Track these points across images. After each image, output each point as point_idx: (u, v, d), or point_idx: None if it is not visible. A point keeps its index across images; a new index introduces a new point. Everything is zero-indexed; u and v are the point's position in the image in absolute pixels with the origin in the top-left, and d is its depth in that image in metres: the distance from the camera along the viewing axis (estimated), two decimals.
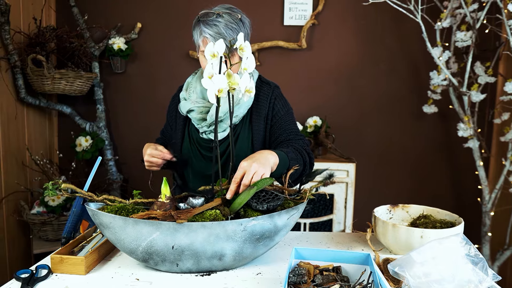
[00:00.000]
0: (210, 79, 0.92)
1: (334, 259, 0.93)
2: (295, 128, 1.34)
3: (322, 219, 2.21)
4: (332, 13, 2.43)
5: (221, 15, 1.19)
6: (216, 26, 1.18)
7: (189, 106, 1.32)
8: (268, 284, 0.93)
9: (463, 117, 2.13)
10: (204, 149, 1.35)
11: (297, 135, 1.32)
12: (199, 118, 1.31)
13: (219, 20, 1.18)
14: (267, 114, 1.33)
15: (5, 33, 1.98)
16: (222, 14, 1.19)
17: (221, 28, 1.17)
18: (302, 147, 1.27)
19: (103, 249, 1.06)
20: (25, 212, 2.09)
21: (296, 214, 1.01)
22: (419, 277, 0.84)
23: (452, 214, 1.17)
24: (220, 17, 1.19)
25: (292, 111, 1.39)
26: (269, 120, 1.33)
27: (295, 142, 1.28)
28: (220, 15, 1.19)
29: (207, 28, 1.18)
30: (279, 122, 1.33)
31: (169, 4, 2.45)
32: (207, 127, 1.31)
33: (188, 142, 1.38)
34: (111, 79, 2.51)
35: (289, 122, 1.34)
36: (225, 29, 1.18)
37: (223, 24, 1.18)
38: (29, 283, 0.89)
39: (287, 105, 1.38)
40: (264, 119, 1.32)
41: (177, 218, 0.90)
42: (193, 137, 1.37)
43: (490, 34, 2.17)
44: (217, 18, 1.19)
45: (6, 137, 2.04)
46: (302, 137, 1.33)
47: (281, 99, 1.37)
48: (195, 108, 1.31)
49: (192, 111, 1.32)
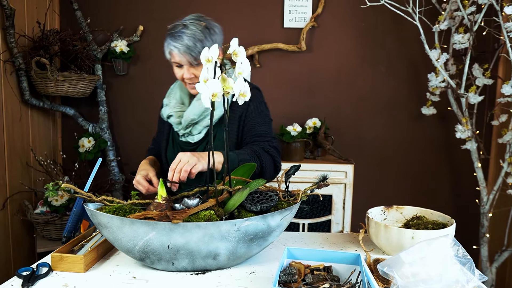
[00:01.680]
0: (205, 83, 0.95)
1: (325, 259, 0.95)
2: (264, 129, 1.35)
3: (320, 220, 2.23)
4: (332, 16, 2.45)
5: (187, 26, 1.23)
6: (180, 38, 1.22)
7: (168, 112, 1.38)
8: (261, 283, 0.95)
9: (461, 119, 2.14)
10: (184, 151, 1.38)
11: (265, 136, 1.33)
12: (177, 122, 1.36)
13: (184, 31, 1.23)
14: (240, 116, 1.35)
15: (10, 36, 2.02)
16: (188, 25, 1.24)
17: (185, 40, 1.22)
18: (263, 149, 1.28)
19: (102, 248, 1.09)
20: (29, 212, 2.13)
21: (289, 215, 1.04)
22: (407, 277, 0.86)
23: (444, 215, 1.18)
24: (185, 28, 1.23)
25: (267, 112, 1.40)
26: (242, 121, 1.36)
27: (259, 144, 1.30)
28: (186, 26, 1.23)
29: (173, 40, 1.24)
30: (249, 124, 1.34)
31: (170, 7, 2.49)
32: (184, 129, 1.36)
33: (171, 145, 1.43)
34: (114, 81, 2.55)
35: (259, 123, 1.35)
36: (190, 39, 1.22)
37: (188, 35, 1.22)
38: (29, 280, 0.93)
39: (262, 106, 1.39)
40: (238, 120, 1.35)
41: (173, 218, 0.93)
42: (175, 141, 1.42)
43: (489, 36, 2.18)
44: (182, 29, 1.23)
45: (11, 138, 2.08)
46: (271, 139, 1.34)
47: (256, 101, 1.37)
48: (173, 113, 1.37)
49: (171, 116, 1.38)
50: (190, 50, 1.23)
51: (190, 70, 1.28)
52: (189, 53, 1.23)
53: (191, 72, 1.29)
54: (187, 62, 1.26)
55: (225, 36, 2.47)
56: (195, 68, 1.28)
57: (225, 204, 1.04)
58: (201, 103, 1.30)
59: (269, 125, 1.39)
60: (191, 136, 1.37)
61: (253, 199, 1.05)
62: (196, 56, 1.24)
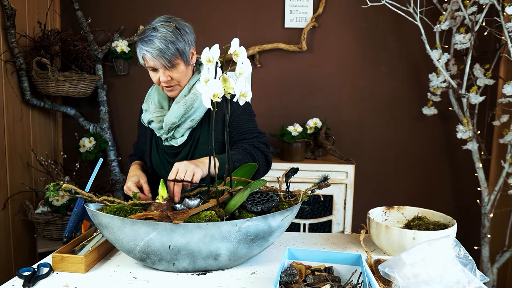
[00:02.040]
0: (206, 83, 0.95)
1: (326, 260, 0.95)
2: (251, 125, 1.34)
3: (321, 220, 2.23)
4: (333, 16, 2.45)
5: (157, 29, 1.21)
6: (151, 41, 1.20)
7: (148, 117, 1.36)
8: (262, 283, 0.95)
9: (462, 119, 2.14)
10: (170, 156, 1.38)
11: (252, 133, 1.33)
12: (158, 127, 1.34)
13: (155, 35, 1.21)
14: (223, 115, 1.34)
15: (10, 36, 2.02)
16: (157, 27, 1.22)
17: (156, 43, 1.20)
18: (254, 146, 1.28)
19: (103, 248, 1.09)
20: (30, 212, 2.13)
21: (290, 215, 1.04)
22: (408, 278, 0.86)
23: (446, 216, 1.18)
24: (155, 31, 1.21)
25: (251, 108, 1.39)
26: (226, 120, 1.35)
27: (249, 141, 1.29)
28: (156, 29, 1.21)
29: (144, 45, 1.22)
30: (234, 122, 1.33)
31: (171, 7, 2.49)
32: (166, 134, 1.34)
33: (156, 150, 1.41)
34: (114, 81, 2.55)
35: (245, 120, 1.34)
36: (161, 42, 1.20)
37: (159, 38, 1.20)
38: (30, 280, 0.93)
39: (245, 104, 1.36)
40: (221, 121, 1.33)
41: (174, 219, 0.93)
42: (159, 146, 1.41)
43: (490, 36, 2.17)
44: (152, 33, 1.21)
45: (12, 138, 2.08)
46: (258, 135, 1.33)
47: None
48: (153, 119, 1.35)
49: (152, 122, 1.36)
50: (162, 53, 1.20)
51: (166, 73, 1.26)
52: (162, 56, 1.21)
53: (167, 74, 1.26)
54: (162, 66, 1.24)
55: (226, 36, 2.49)
56: (170, 70, 1.26)
57: (226, 204, 1.03)
58: (180, 106, 1.29)
59: (254, 120, 1.38)
60: (174, 140, 1.35)
61: (254, 199, 1.05)
62: (169, 58, 1.22)
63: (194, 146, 1.35)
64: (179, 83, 1.30)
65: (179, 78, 1.28)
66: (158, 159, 1.40)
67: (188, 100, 1.29)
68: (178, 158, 1.36)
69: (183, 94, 1.31)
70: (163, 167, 1.39)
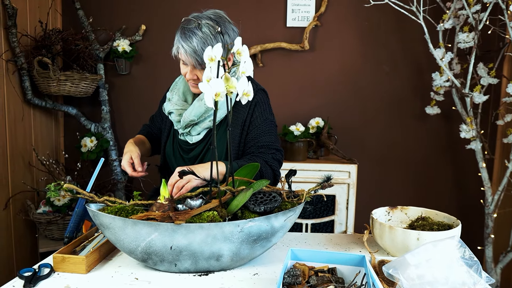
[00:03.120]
0: (208, 82, 0.94)
1: (330, 261, 0.94)
2: (269, 139, 1.29)
3: (323, 220, 2.22)
4: (335, 15, 2.43)
5: (200, 26, 1.17)
6: (190, 38, 1.17)
7: (169, 108, 1.34)
8: (264, 284, 0.94)
9: (465, 119, 2.12)
10: (183, 150, 1.37)
11: (270, 148, 1.28)
12: (177, 120, 1.33)
13: (196, 33, 1.17)
14: (245, 120, 1.30)
15: (12, 36, 2.02)
16: (202, 25, 1.18)
17: (194, 41, 1.17)
18: (267, 162, 1.24)
19: (104, 248, 1.09)
20: (32, 212, 2.13)
21: (293, 216, 1.03)
22: (412, 279, 0.85)
23: (450, 216, 1.17)
24: (198, 28, 1.17)
25: (272, 118, 1.34)
26: (246, 126, 1.30)
27: (263, 156, 1.25)
28: (200, 26, 1.17)
29: (182, 38, 1.19)
30: (253, 132, 1.29)
31: (172, 6, 2.48)
32: (182, 129, 1.32)
33: (171, 141, 1.40)
34: (116, 81, 2.54)
35: (265, 133, 1.29)
36: (199, 43, 1.17)
37: (198, 38, 1.17)
38: (31, 281, 0.92)
39: (267, 112, 1.33)
40: (242, 124, 1.30)
41: (175, 219, 0.92)
42: (176, 138, 1.40)
43: (494, 35, 2.16)
44: (194, 29, 1.17)
45: (13, 138, 2.08)
46: (275, 152, 1.28)
47: (262, 105, 1.32)
48: (174, 110, 1.33)
49: (171, 113, 1.34)
50: (196, 54, 1.18)
51: (194, 72, 1.26)
52: (194, 56, 1.19)
53: (194, 73, 1.26)
54: (191, 64, 1.23)
55: None
56: (200, 70, 1.24)
57: (228, 205, 1.03)
58: (202, 104, 1.27)
59: (274, 133, 1.33)
60: (190, 137, 1.34)
61: (257, 199, 1.04)
62: (201, 61, 1.19)
63: (207, 147, 1.33)
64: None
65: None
66: (171, 151, 1.39)
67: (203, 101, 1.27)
68: (191, 155, 1.35)
69: None
70: (175, 160, 1.38)
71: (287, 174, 1.09)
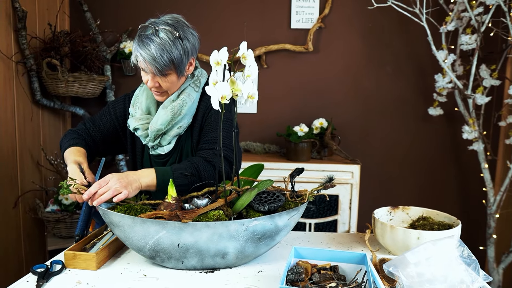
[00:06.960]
0: (214, 86, 0.97)
1: (332, 259, 0.97)
2: (213, 135, 1.24)
3: (327, 220, 2.25)
4: (339, 17, 2.46)
5: (157, 33, 1.14)
6: (148, 45, 1.13)
7: (134, 124, 1.28)
8: (268, 281, 0.97)
9: (468, 120, 2.14)
10: (158, 164, 1.33)
11: (211, 143, 1.23)
12: (144, 135, 1.28)
13: (153, 39, 1.13)
14: (203, 117, 1.28)
15: (21, 38, 2.06)
16: (159, 31, 1.14)
17: (151, 49, 1.13)
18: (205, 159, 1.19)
19: (113, 246, 1.12)
20: (40, 210, 2.17)
21: (296, 215, 1.06)
22: (412, 277, 0.88)
23: (450, 216, 1.19)
24: (155, 35, 1.13)
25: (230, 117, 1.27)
26: (203, 123, 1.28)
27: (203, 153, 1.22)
28: (157, 32, 1.14)
29: (140, 45, 1.15)
30: (204, 129, 1.27)
31: (177, 8, 2.51)
32: (152, 141, 1.27)
33: (147, 156, 1.35)
34: (122, 82, 2.58)
35: (212, 129, 1.25)
36: (157, 50, 1.13)
37: (156, 44, 1.13)
38: (44, 277, 0.96)
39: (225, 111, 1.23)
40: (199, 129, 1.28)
41: (183, 218, 0.96)
42: (148, 154, 1.35)
43: (496, 37, 2.17)
44: (152, 36, 1.13)
45: (22, 138, 2.12)
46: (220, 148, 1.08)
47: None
48: (139, 126, 1.27)
49: (137, 129, 1.28)
50: (155, 61, 1.14)
51: (155, 79, 1.20)
52: (154, 64, 1.14)
53: (155, 81, 1.20)
54: (151, 72, 1.18)
55: (233, 36, 2.50)
56: (160, 78, 1.19)
57: (234, 204, 1.06)
58: (167, 112, 1.23)
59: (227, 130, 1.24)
60: (161, 148, 1.28)
61: (261, 199, 1.07)
62: (161, 68, 1.15)
63: (179, 155, 1.30)
64: (167, 91, 1.24)
65: (167, 87, 1.22)
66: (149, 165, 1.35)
67: (176, 106, 1.23)
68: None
69: (171, 99, 1.25)
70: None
71: (291, 174, 1.12)
